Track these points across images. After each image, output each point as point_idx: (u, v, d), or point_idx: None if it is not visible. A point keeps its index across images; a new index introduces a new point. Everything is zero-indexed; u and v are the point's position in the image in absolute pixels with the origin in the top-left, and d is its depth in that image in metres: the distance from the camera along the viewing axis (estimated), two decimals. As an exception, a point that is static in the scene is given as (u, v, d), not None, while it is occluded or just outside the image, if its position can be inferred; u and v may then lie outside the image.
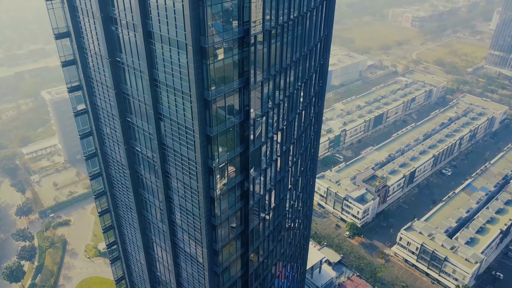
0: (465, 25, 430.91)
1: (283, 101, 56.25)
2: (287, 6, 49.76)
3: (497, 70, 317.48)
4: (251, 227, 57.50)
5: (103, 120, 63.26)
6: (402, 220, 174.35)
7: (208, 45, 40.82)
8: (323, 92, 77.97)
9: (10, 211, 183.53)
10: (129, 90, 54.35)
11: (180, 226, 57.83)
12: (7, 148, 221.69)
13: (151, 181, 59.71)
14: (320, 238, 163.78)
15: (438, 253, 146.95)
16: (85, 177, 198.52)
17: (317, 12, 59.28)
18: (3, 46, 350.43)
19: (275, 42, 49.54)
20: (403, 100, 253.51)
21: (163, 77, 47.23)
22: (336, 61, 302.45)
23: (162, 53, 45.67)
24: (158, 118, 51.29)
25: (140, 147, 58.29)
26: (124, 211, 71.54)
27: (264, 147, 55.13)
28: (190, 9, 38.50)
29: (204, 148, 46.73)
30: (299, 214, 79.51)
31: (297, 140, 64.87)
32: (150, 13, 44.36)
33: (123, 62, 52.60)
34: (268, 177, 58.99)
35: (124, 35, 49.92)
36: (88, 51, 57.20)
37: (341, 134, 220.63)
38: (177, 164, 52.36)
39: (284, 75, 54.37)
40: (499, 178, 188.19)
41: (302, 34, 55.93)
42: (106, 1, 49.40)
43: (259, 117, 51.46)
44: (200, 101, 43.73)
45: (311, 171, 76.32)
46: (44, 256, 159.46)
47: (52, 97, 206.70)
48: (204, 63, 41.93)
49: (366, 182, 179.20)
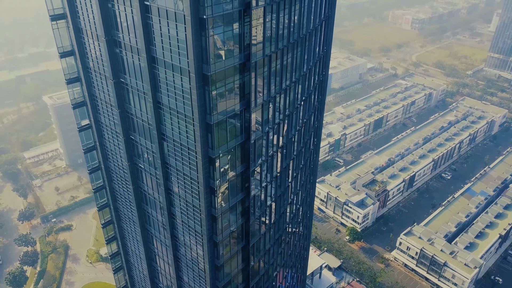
0: (465, 27, 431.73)
1: (283, 120, 57.35)
2: (286, 31, 50.82)
3: (497, 72, 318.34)
4: (252, 243, 58.52)
5: (106, 137, 64.36)
6: (402, 224, 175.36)
7: (211, 72, 41.96)
8: (322, 107, 79.05)
9: (12, 216, 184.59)
10: (133, 110, 55.47)
11: (183, 241, 58.91)
12: (9, 153, 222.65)
13: (154, 197, 60.82)
14: (320, 243, 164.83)
15: (438, 258, 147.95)
16: (86, 182, 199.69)
17: (316, 32, 60.33)
18: (4, 49, 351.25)
19: (275, 66, 50.67)
20: (402, 104, 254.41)
21: (166, 100, 48.39)
22: (336, 64, 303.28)
23: (166, 78, 46.78)
24: (161, 138, 52.42)
25: (143, 164, 59.40)
26: (127, 224, 72.66)
27: (264, 165, 56.13)
28: (193, 38, 39.62)
29: (206, 169, 47.84)
30: (299, 226, 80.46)
31: (297, 155, 65.98)
32: (154, 40, 45.51)
33: (127, 84, 53.73)
34: (269, 193, 60.06)
35: (128, 58, 51.04)
36: (92, 71, 58.32)
37: (341, 138, 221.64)
38: (179, 183, 53.45)
39: (284, 96, 55.44)
40: (498, 182, 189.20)
41: (302, 55, 57.02)
42: (110, 24, 50.48)
43: (260, 137, 52.54)
44: (203, 124, 44.85)
45: (311, 184, 77.30)
46: (46, 261, 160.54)
47: (53, 102, 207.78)
48: (207, 90, 43.09)
49: (366, 187, 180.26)
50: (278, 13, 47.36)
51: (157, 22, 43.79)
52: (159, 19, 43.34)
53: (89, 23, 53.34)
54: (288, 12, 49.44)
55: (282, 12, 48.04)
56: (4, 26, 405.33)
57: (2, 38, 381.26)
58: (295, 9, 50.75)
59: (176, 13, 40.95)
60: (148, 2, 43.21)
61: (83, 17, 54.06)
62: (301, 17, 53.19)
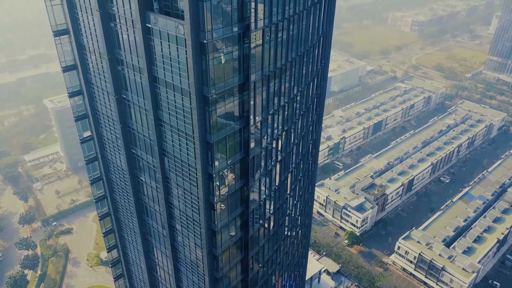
0: (464, 29, 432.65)
1: (281, 135, 58.35)
2: (285, 50, 51.82)
3: (496, 75, 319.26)
4: (251, 255, 59.51)
5: (108, 149, 65.34)
6: (401, 228, 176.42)
7: (211, 94, 42.96)
8: (320, 119, 79.96)
9: (13, 219, 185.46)
10: (134, 125, 56.46)
11: (183, 254, 59.75)
12: (10, 155, 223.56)
13: (155, 210, 61.85)
14: (319, 246, 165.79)
15: (436, 263, 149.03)
16: (86, 185, 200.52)
17: (314, 49, 61.24)
18: (5, 51, 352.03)
19: (273, 84, 51.71)
20: (402, 107, 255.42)
21: (167, 118, 49.39)
22: (335, 67, 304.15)
23: (167, 97, 47.77)
24: (162, 154, 53.42)
25: (144, 177, 60.41)
26: (128, 234, 73.68)
27: (263, 179, 57.13)
28: (194, 62, 40.60)
29: (206, 185, 48.84)
30: (298, 236, 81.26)
31: (296, 167, 67.00)
32: (155, 60, 46.49)
33: (128, 100, 54.71)
34: (267, 205, 61.09)
35: (130, 76, 52.02)
36: (95, 86, 59.30)
37: (340, 141, 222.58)
38: (179, 197, 54.48)
39: (282, 112, 56.44)
40: (496, 187, 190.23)
41: (300, 72, 58.01)
42: (113, 43, 51.46)
43: (259, 153, 53.55)
44: (203, 143, 45.86)
45: (309, 194, 78.30)
46: (47, 265, 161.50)
47: (54, 106, 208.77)
48: (207, 110, 44.07)
49: (365, 191, 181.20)
50: (276, 34, 48.36)
51: (159, 44, 44.81)
52: (160, 41, 44.37)
53: (91, 40, 54.33)
54: (287, 32, 50.42)
55: (280, 33, 49.05)
56: (4, 28, 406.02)
57: (3, 40, 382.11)
58: (293, 29, 51.73)
59: (177, 36, 41.96)
60: (150, 24, 44.22)
61: (86, 35, 55.03)
62: (299, 36, 54.13)
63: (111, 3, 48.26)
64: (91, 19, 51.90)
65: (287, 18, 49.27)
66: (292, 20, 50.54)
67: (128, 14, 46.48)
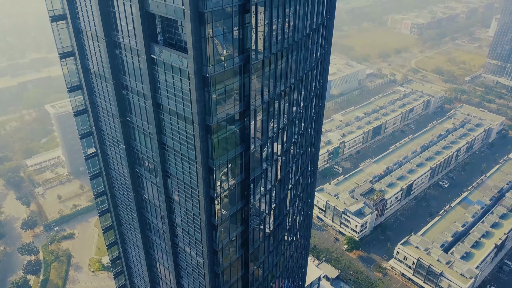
0: (464, 31, 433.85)
1: (280, 156, 60.04)
2: (283, 78, 53.52)
3: (495, 79, 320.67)
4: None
5: (112, 166, 67.05)
6: (400, 233, 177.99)
7: (213, 123, 44.68)
8: (318, 137, 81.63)
9: (15, 224, 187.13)
10: (138, 147, 58.15)
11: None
12: (12, 160, 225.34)
13: (158, 226, 63.56)
14: (319, 252, 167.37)
15: (434, 268, 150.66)
16: (88, 190, 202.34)
17: (312, 73, 62.94)
18: (6, 55, 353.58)
19: (273, 109, 53.43)
20: (401, 111, 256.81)
21: (171, 143, 51.07)
22: (335, 70, 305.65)
23: (171, 123, 49.46)
24: (165, 175, 55.12)
25: (148, 195, 62.11)
26: (132, 248, 75.28)
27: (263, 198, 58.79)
28: (197, 94, 42.29)
29: (208, 207, 50.55)
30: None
31: (294, 185, 68.69)
32: (160, 89, 48.18)
33: (133, 123, 56.38)
34: (267, 225, 62.76)
35: (135, 100, 53.70)
36: (100, 108, 60.98)
37: (340, 146, 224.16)
38: (182, 217, 56.20)
39: (281, 134, 58.15)
40: (494, 192, 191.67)
41: (298, 96, 59.76)
42: (118, 69, 53.15)
43: (259, 175, 55.24)
44: (205, 167, 47.57)
45: (308, 206, 79.82)
46: (49, 270, 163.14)
47: (56, 111, 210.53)
48: (209, 138, 45.79)
49: (364, 196, 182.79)
50: (275, 63, 50.07)
51: (163, 74, 46.48)
52: (164, 71, 46.04)
53: (97, 65, 56.01)
54: (286, 60, 52.16)
55: (279, 61, 50.75)
56: (5, 31, 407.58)
57: (4, 43, 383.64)
58: (292, 56, 53.24)
59: (180, 69, 43.63)
60: (154, 55, 45.88)
61: (92, 59, 56.71)
62: (298, 62, 55.53)
63: (117, 32, 49.92)
64: (96, 45, 53.57)
65: (286, 47, 50.97)
66: (291, 49, 52.20)
67: (133, 44, 48.19)
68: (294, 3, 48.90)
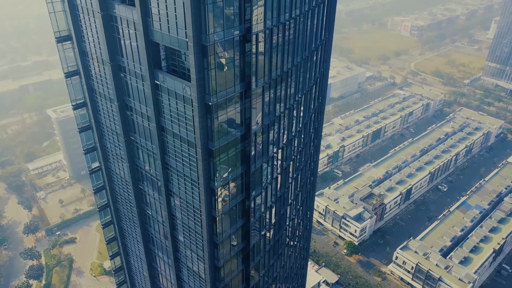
0: (463, 33, 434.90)
1: (280, 174, 61.52)
2: (283, 101, 55.06)
3: (494, 81, 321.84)
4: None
5: (115, 181, 68.48)
6: (399, 237, 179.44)
7: (215, 147, 46.15)
8: (318, 148, 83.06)
9: (17, 229, 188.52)
10: (142, 165, 59.57)
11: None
12: (14, 164, 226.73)
13: (161, 241, 65.03)
14: (318, 256, 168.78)
15: (433, 273, 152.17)
16: (89, 194, 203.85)
17: (311, 92, 64.22)
18: (7, 58, 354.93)
19: (273, 130, 54.92)
20: (400, 114, 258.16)
21: (174, 164, 52.51)
22: (335, 74, 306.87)
23: (174, 146, 50.86)
24: (168, 194, 56.58)
25: (151, 211, 63.58)
26: (135, 260, 76.72)
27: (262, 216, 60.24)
28: (200, 120, 43.73)
29: (210, 227, 52.04)
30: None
31: (294, 200, 70.21)
32: (164, 113, 49.60)
33: (136, 142, 57.80)
34: (267, 241, 64.28)
35: (139, 121, 55.11)
36: (104, 126, 62.37)
37: (340, 149, 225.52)
38: (185, 234, 57.69)
39: (282, 154, 59.61)
40: (493, 196, 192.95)
41: (298, 115, 61.22)
42: (122, 91, 54.56)
43: (258, 195, 56.73)
44: (207, 189, 49.02)
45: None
46: (51, 274, 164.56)
47: (57, 116, 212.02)
48: (211, 161, 47.26)
49: (364, 200, 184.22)
50: (275, 89, 51.51)
51: (167, 99, 47.87)
52: (168, 97, 47.44)
53: (102, 86, 57.36)
54: (285, 87, 53.70)
55: (279, 85, 52.20)
56: (7, 34, 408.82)
57: (5, 46, 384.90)
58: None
59: (184, 96, 45.05)
60: (158, 81, 47.27)
61: (96, 81, 58.09)
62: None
63: (122, 57, 51.31)
64: (102, 68, 54.95)
65: (285, 72, 52.38)
66: (290, 72, 53.57)
67: (137, 70, 49.57)
68: (294, 29, 50.30)
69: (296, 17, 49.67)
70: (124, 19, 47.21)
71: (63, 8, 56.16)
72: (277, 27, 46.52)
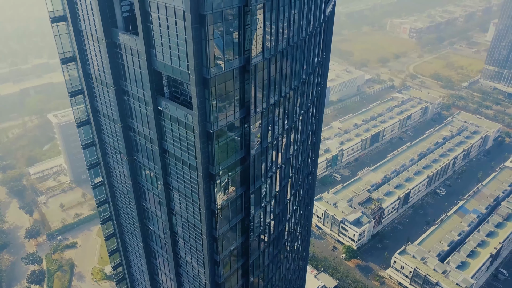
0: (462, 36, 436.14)
1: (278, 192, 63.24)
2: (281, 123, 56.76)
3: (492, 84, 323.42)
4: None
5: (119, 197, 70.18)
6: (397, 241, 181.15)
7: (215, 172, 47.86)
8: (316, 163, 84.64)
9: (18, 233, 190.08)
10: (145, 184, 61.24)
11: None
12: (15, 168, 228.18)
13: (163, 256, 66.75)
14: (317, 261, 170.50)
15: (430, 278, 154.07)
16: (90, 198, 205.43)
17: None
18: (8, 60, 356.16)
19: (271, 152, 56.68)
20: (399, 118, 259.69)
21: (176, 185, 54.17)
22: (334, 77, 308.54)
23: (176, 168, 52.52)
24: (170, 212, 58.28)
25: (153, 227, 65.28)
26: (137, 273, 78.36)
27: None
28: (201, 146, 45.42)
29: (211, 245, 53.78)
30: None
31: (294, 213, 71.86)
32: (166, 136, 51.23)
33: (139, 161, 59.45)
34: (266, 257, 66.07)
35: (142, 142, 56.74)
36: (108, 145, 63.95)
37: (339, 153, 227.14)
38: (186, 250, 59.38)
39: (280, 171, 61.39)
40: (490, 200, 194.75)
41: (295, 141, 63.01)
42: (125, 113, 56.21)
43: (258, 213, 58.47)
44: (208, 210, 50.72)
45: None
46: (52, 279, 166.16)
47: (58, 121, 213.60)
48: (212, 184, 48.96)
49: (362, 205, 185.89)
50: (274, 113, 53.33)
51: (169, 124, 49.47)
52: (171, 122, 49.10)
53: (106, 108, 59.00)
54: (283, 110, 55.31)
55: (277, 109, 54.00)
56: (7, 36, 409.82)
57: (6, 49, 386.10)
58: None
59: (186, 123, 46.69)
60: (161, 108, 48.92)
61: (101, 102, 59.72)
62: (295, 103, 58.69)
63: (125, 81, 52.95)
64: (106, 91, 56.58)
65: (283, 96, 54.19)
66: (288, 97, 55.35)
67: (141, 95, 51.19)
68: (292, 56, 52.03)
69: (293, 44, 51.38)
70: (128, 47, 48.83)
71: (67, 31, 57.72)
72: (275, 56, 48.20)
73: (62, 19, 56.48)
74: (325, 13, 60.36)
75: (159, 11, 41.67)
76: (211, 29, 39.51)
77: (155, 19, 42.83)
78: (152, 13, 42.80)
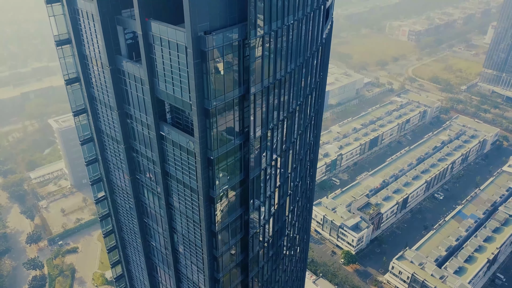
0: (461, 38, 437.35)
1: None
2: (279, 146, 58.39)
3: (491, 88, 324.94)
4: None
5: (121, 212, 71.74)
6: (395, 246, 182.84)
7: (216, 195, 49.47)
8: (314, 172, 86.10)
9: (20, 238, 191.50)
10: (147, 201, 62.76)
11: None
12: (16, 173, 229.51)
13: (164, 270, 68.32)
14: (316, 265, 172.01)
15: (428, 283, 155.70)
16: (91, 203, 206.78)
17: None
18: (8, 63, 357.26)
19: (270, 172, 58.22)
20: (398, 122, 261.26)
21: (177, 205, 55.75)
22: (333, 80, 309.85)
23: (178, 190, 54.08)
24: (172, 231, 59.86)
25: (155, 243, 66.83)
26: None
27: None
28: (202, 171, 46.96)
29: (211, 265, 55.36)
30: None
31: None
32: (168, 160, 52.78)
33: (142, 181, 61.00)
34: (265, 272, 67.60)
35: (144, 163, 58.28)
36: (111, 163, 65.49)
37: (337, 158, 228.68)
38: (187, 266, 60.94)
39: (279, 190, 62.91)
40: (488, 205, 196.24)
41: (293, 158, 64.51)
42: (128, 134, 57.74)
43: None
44: (208, 231, 52.36)
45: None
46: (54, 284, 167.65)
47: (59, 126, 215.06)
48: (212, 207, 50.54)
49: (361, 210, 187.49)
50: (272, 138, 54.80)
51: (171, 149, 51.00)
52: (173, 148, 50.60)
53: (109, 128, 60.51)
54: (281, 132, 56.92)
55: (275, 133, 55.55)
56: (7, 39, 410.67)
57: (6, 52, 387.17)
58: None
59: (187, 149, 48.24)
60: (164, 133, 50.46)
61: (104, 123, 61.21)
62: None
63: (128, 105, 54.45)
64: (109, 112, 58.06)
65: (281, 120, 55.73)
66: (285, 119, 56.85)
67: (143, 119, 52.69)
68: (289, 81, 53.64)
69: (291, 71, 52.92)
70: (132, 74, 50.30)
71: (72, 53, 59.19)
72: (273, 84, 49.73)
73: (66, 42, 57.91)
74: (323, 35, 61.82)
75: (162, 45, 43.17)
76: (212, 64, 41.04)
77: (158, 51, 44.34)
78: (155, 45, 44.29)
